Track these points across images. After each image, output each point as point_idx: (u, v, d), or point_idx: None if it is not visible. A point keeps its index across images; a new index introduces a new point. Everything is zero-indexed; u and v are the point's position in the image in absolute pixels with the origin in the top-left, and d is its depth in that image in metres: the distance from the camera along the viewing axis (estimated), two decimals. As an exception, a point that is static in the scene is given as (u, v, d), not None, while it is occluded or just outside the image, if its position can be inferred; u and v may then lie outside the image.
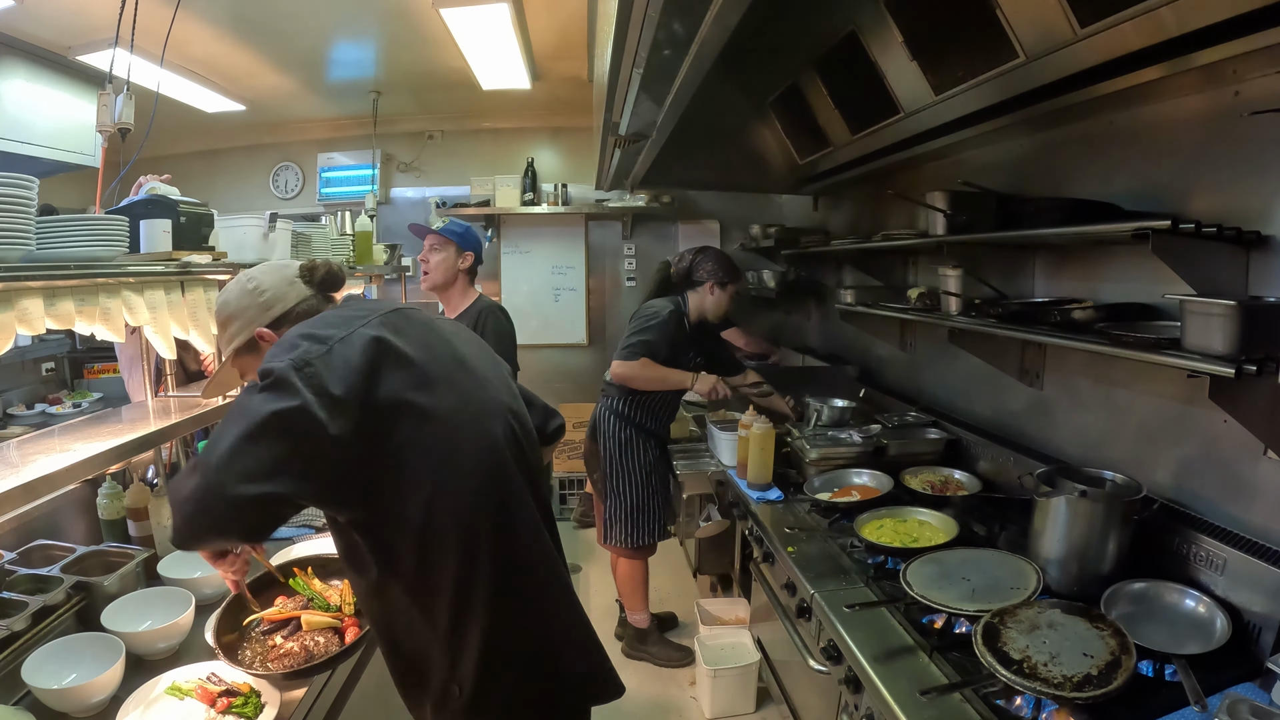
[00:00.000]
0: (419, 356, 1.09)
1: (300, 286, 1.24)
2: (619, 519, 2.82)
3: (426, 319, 1.22)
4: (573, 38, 3.21)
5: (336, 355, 1.01)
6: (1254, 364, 1.14)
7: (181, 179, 2.05)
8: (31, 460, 1.23)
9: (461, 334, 1.29)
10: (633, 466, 2.81)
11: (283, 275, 1.24)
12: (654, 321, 2.68)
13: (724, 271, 2.77)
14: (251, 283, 1.23)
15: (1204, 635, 1.29)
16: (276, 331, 1.20)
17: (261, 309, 1.21)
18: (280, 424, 0.95)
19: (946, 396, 2.63)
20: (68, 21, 2.78)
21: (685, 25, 1.45)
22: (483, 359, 1.26)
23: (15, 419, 3.75)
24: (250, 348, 1.22)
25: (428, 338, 1.15)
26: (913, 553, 1.66)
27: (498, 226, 4.72)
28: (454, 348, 1.19)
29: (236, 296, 1.23)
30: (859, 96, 2.39)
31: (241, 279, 1.25)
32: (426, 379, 1.08)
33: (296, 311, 1.22)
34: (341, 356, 1.01)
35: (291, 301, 1.22)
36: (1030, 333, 1.70)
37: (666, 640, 3.01)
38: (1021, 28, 1.57)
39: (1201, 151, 1.49)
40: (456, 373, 1.14)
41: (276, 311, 1.21)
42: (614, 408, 2.82)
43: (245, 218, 2.29)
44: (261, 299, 1.21)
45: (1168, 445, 1.62)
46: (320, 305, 1.24)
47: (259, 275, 1.24)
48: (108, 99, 2.10)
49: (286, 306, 1.22)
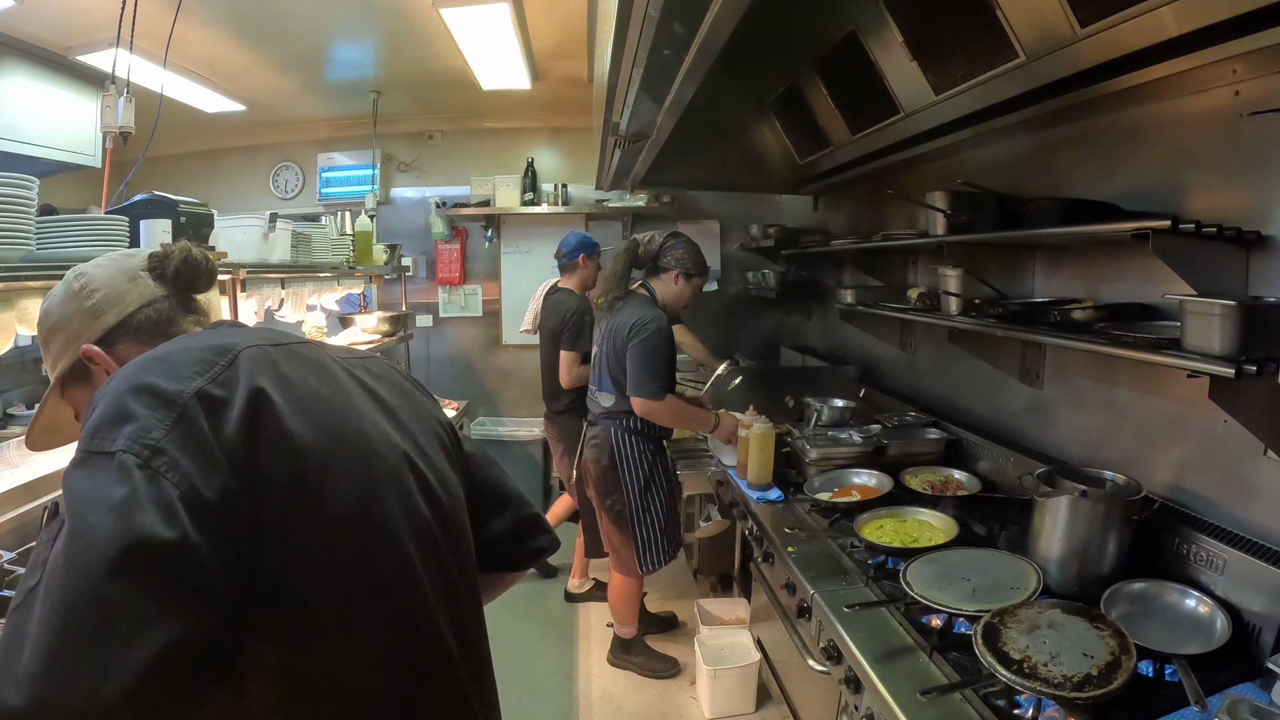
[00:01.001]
0: (304, 430, 0.72)
1: (145, 284, 0.91)
2: (652, 539, 2.70)
3: (317, 359, 0.84)
4: (573, 38, 3.21)
5: (197, 419, 0.66)
6: (1254, 364, 1.14)
7: (181, 179, 2.05)
8: (31, 460, 1.23)
9: (369, 379, 0.89)
10: (660, 484, 2.71)
11: (121, 268, 0.91)
12: (660, 346, 2.51)
13: (692, 262, 2.67)
14: (79, 280, 0.89)
15: (1204, 635, 1.29)
16: (109, 351, 0.87)
17: (89, 316, 0.87)
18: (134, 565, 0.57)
19: (946, 396, 2.63)
20: (68, 21, 2.78)
21: (685, 25, 1.45)
22: (397, 413, 0.87)
23: (15, 419, 3.75)
24: (79, 374, 0.89)
25: (318, 389, 0.79)
26: (913, 553, 1.66)
27: (498, 226, 4.72)
28: (355, 408, 0.81)
29: (60, 301, 0.90)
30: (859, 96, 2.39)
31: (69, 276, 0.91)
32: (315, 463, 0.72)
33: (138, 321, 0.88)
34: (210, 417, 0.67)
35: (131, 305, 0.88)
36: (1030, 333, 1.70)
37: (651, 650, 2.94)
38: (1021, 28, 1.57)
39: (1201, 151, 1.49)
40: (358, 450, 0.77)
41: (109, 320, 0.87)
42: (633, 427, 2.66)
43: (245, 218, 2.30)
44: (89, 303, 0.88)
45: (1168, 445, 1.62)
46: (174, 312, 0.91)
47: (90, 270, 0.90)
48: (111, 100, 2.11)
49: (123, 313, 0.88)
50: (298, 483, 0.70)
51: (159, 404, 0.66)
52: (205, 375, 0.70)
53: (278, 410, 0.71)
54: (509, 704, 2.79)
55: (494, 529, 1.00)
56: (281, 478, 0.69)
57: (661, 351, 2.53)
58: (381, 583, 0.75)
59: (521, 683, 2.83)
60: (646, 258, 2.71)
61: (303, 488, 0.70)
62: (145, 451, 0.62)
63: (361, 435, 0.79)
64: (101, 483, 0.61)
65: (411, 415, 0.89)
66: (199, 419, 0.66)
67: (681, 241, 2.70)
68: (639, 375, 2.52)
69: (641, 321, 2.54)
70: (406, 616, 0.77)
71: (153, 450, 0.63)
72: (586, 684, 2.85)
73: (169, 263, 0.92)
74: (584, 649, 3.11)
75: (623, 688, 2.81)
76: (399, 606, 0.76)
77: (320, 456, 0.72)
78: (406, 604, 0.77)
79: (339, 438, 0.76)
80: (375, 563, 0.75)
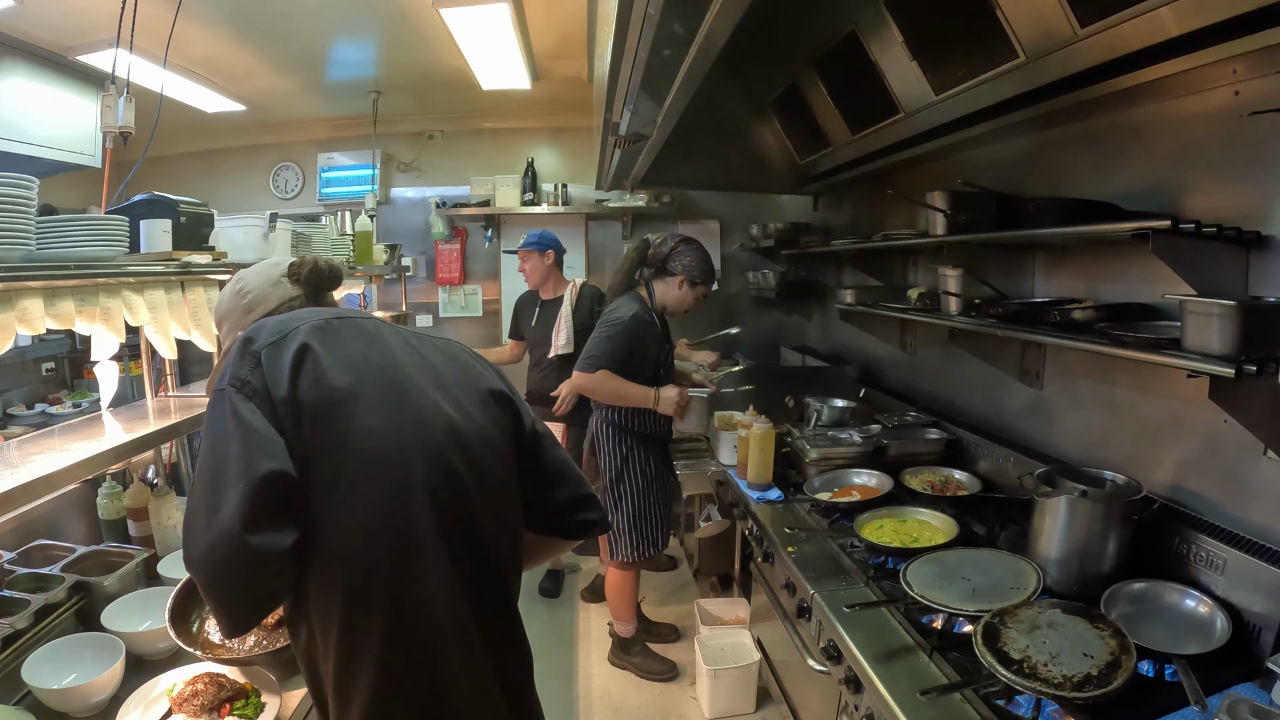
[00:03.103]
0: (339, 374, 0.99)
1: (285, 286, 1.19)
2: (622, 531, 2.75)
3: (374, 329, 1.10)
4: (573, 38, 3.21)
5: (265, 363, 0.98)
6: (1254, 364, 1.14)
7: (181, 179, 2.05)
8: (31, 460, 1.23)
9: (426, 349, 1.13)
10: (634, 476, 2.73)
11: (268, 275, 1.20)
12: (615, 330, 2.57)
13: (699, 271, 2.67)
14: (239, 284, 1.21)
15: (1204, 635, 1.29)
16: None
17: (244, 311, 1.18)
18: (237, 421, 0.92)
19: (946, 396, 2.63)
20: (68, 21, 2.78)
21: (685, 25, 1.45)
22: (444, 378, 1.09)
23: (15, 419, 3.75)
24: None
25: (366, 350, 1.05)
26: (913, 553, 1.66)
27: (498, 226, 4.72)
28: (397, 365, 1.06)
29: (227, 299, 1.22)
30: (859, 96, 2.39)
31: (233, 280, 1.23)
32: (344, 397, 0.98)
33: (278, 313, 1.16)
34: (269, 362, 0.98)
35: (273, 303, 1.18)
36: (1030, 333, 1.70)
37: (650, 651, 2.94)
38: (1021, 28, 1.57)
39: (1201, 151, 1.49)
40: (387, 394, 1.01)
41: (257, 314, 1.17)
42: (611, 419, 2.74)
43: (245, 218, 2.29)
44: (244, 301, 1.18)
45: (1168, 445, 1.62)
46: (305, 305, 1.19)
47: (247, 276, 1.21)
48: (111, 100, 2.10)
49: (267, 308, 1.17)
50: (326, 410, 0.96)
51: (247, 354, 0.99)
52: (276, 335, 1.01)
53: (318, 358, 0.99)
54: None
55: (555, 498, 1.18)
56: (313, 403, 0.96)
57: (614, 336, 2.57)
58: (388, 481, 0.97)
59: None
60: (655, 259, 2.72)
61: (331, 414, 0.96)
62: (237, 382, 0.95)
63: (392, 383, 1.03)
64: (220, 407, 0.94)
65: (462, 383, 1.10)
66: (266, 361, 0.98)
67: (692, 248, 2.71)
68: (583, 352, 2.63)
69: (615, 313, 2.64)
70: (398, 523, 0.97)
71: (242, 381, 0.96)
72: (586, 684, 2.85)
73: (302, 269, 1.20)
74: (584, 649, 3.11)
75: (623, 688, 2.81)
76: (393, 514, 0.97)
77: (346, 392, 0.98)
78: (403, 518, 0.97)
79: (370, 382, 1.01)
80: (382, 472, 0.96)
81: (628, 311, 2.61)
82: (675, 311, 2.75)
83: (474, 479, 1.02)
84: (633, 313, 2.61)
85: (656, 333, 2.69)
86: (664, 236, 2.75)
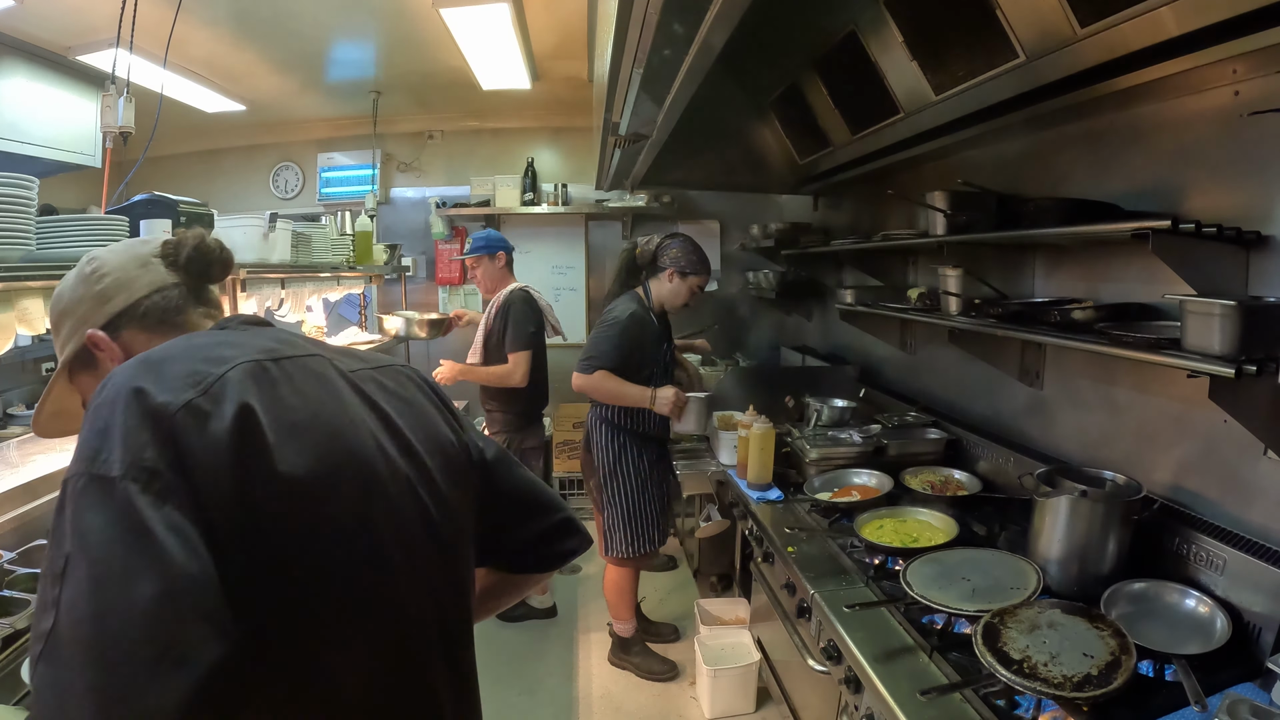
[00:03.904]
0: (294, 454, 0.69)
1: (157, 270, 0.88)
2: (616, 527, 2.77)
3: (321, 371, 0.80)
4: (573, 38, 3.21)
5: (184, 437, 0.63)
6: (1254, 364, 1.14)
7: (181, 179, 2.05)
8: (31, 460, 1.23)
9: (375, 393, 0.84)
10: (627, 473, 2.75)
11: (134, 254, 0.89)
12: (612, 330, 2.59)
13: (686, 261, 2.66)
14: (92, 264, 0.87)
15: (1204, 635, 1.29)
16: (115, 337, 0.85)
17: (97, 301, 0.85)
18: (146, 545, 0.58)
19: (946, 396, 2.63)
20: (68, 21, 2.78)
21: (685, 25, 1.45)
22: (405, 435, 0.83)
23: (15, 419, 3.74)
24: (86, 361, 0.87)
25: (319, 410, 0.75)
26: (913, 553, 1.66)
27: (498, 226, 4.71)
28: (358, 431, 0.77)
29: (71, 284, 0.88)
30: (859, 96, 2.39)
31: (82, 260, 0.89)
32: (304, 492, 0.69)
33: (146, 307, 0.86)
34: (193, 436, 0.64)
35: (140, 291, 0.86)
36: (1030, 333, 1.70)
37: (650, 651, 2.94)
38: (1021, 28, 1.57)
39: (1201, 151, 1.49)
40: (355, 481, 0.74)
41: (117, 305, 0.85)
42: (604, 416, 2.76)
43: (245, 217, 2.30)
44: (99, 287, 0.85)
45: (1168, 445, 1.62)
46: (183, 301, 0.88)
47: (102, 255, 0.88)
48: (111, 100, 2.11)
49: (131, 299, 0.85)
50: (285, 511, 0.67)
51: (150, 417, 0.63)
52: (196, 387, 0.67)
53: (265, 431, 0.67)
54: (509, 703, 2.79)
55: (522, 533, 1.00)
56: (269, 505, 0.66)
57: (612, 336, 2.59)
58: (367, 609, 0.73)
59: (521, 683, 2.83)
60: (644, 258, 2.74)
61: (291, 516, 0.67)
62: (144, 475, 0.60)
63: (360, 461, 0.75)
64: (104, 512, 0.59)
65: (421, 435, 0.85)
66: (188, 434, 0.64)
67: (678, 240, 2.72)
68: (582, 353, 2.65)
69: (612, 312, 2.67)
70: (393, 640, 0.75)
71: (149, 472, 0.60)
72: (586, 684, 2.85)
73: (182, 250, 0.89)
74: (584, 649, 3.11)
75: (623, 688, 2.81)
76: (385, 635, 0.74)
77: (312, 485, 0.69)
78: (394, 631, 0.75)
79: (335, 464, 0.72)
80: (362, 596, 0.72)
81: (625, 310, 2.63)
82: (673, 306, 2.76)
83: (443, 575, 0.83)
84: (630, 311, 2.63)
85: (655, 330, 2.71)
86: (649, 237, 2.77)
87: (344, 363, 0.85)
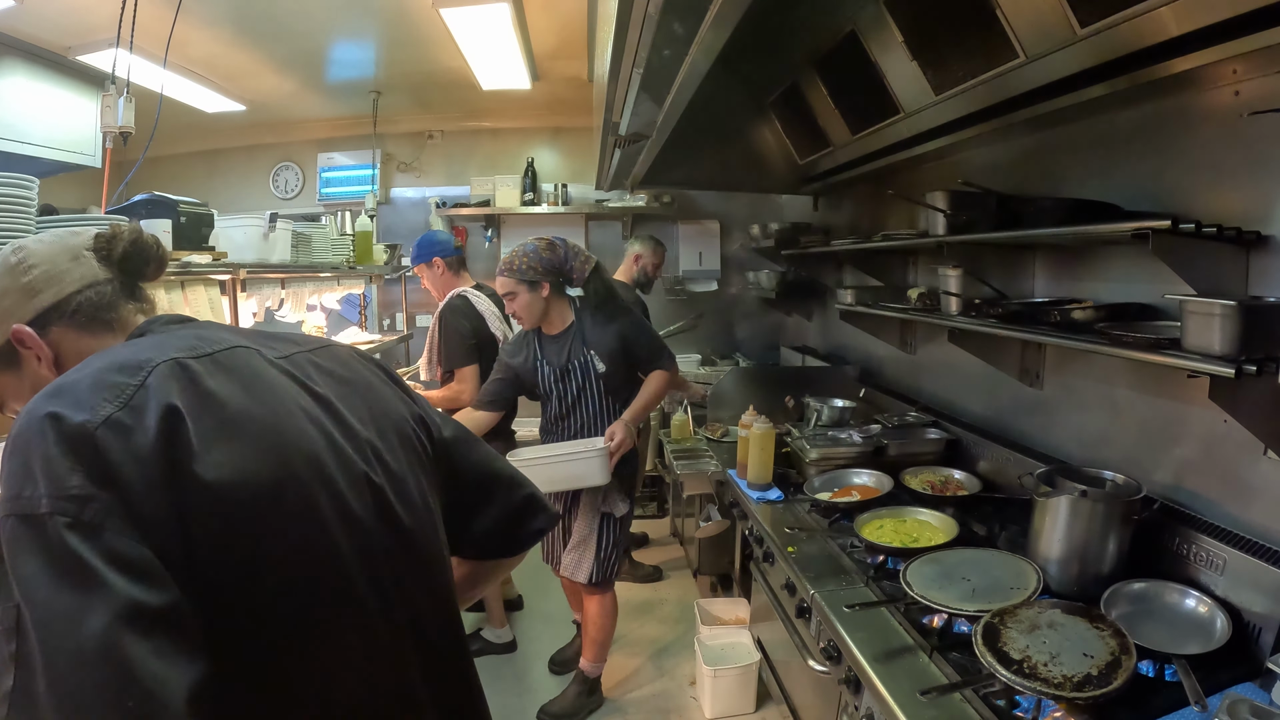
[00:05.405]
0: (230, 457, 0.65)
1: (89, 264, 0.83)
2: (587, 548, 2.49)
3: (249, 363, 0.76)
4: (573, 38, 3.21)
5: (109, 453, 0.60)
6: (1254, 364, 1.14)
7: (181, 179, 2.05)
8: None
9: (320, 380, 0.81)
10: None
11: (65, 246, 0.83)
12: (643, 320, 2.58)
13: (538, 271, 2.39)
14: (18, 254, 0.81)
15: (1204, 635, 1.29)
16: (42, 334, 0.80)
17: (23, 294, 0.80)
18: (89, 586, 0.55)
19: (946, 396, 2.63)
20: (68, 21, 2.78)
21: (685, 25, 1.45)
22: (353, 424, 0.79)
23: (15, 419, 3.75)
24: (10, 358, 0.81)
25: (251, 406, 0.71)
26: (913, 553, 1.66)
27: (498, 226, 4.72)
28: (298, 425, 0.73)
29: None
30: (859, 96, 2.39)
31: (7, 249, 0.83)
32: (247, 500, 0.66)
33: (76, 303, 0.81)
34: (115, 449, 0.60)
35: (70, 286, 0.81)
36: (1030, 333, 1.70)
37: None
38: (1021, 28, 1.57)
39: (1201, 151, 1.49)
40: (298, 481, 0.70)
41: (45, 300, 0.80)
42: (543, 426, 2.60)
43: (245, 218, 2.30)
44: (26, 280, 0.80)
45: (1168, 445, 1.62)
46: (116, 298, 0.84)
47: (30, 245, 0.83)
48: (111, 100, 2.11)
49: (61, 293, 0.80)
50: (226, 519, 0.63)
51: (69, 441, 0.59)
52: (115, 400, 0.63)
53: (192, 434, 0.63)
54: (509, 703, 2.77)
55: (486, 517, 0.96)
56: (205, 513, 0.62)
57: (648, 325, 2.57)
58: (330, 625, 0.69)
59: (521, 683, 2.83)
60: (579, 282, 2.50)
61: (232, 524, 0.63)
62: (73, 505, 0.57)
63: (303, 455, 0.71)
64: (44, 559, 0.55)
65: (368, 416, 0.82)
66: (114, 451, 0.60)
67: (531, 247, 2.39)
68: (652, 353, 2.54)
69: (621, 307, 2.59)
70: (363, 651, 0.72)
71: (80, 501, 0.57)
72: (586, 684, 2.85)
73: (116, 244, 0.85)
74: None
75: (623, 688, 2.81)
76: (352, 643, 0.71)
77: (254, 487, 0.65)
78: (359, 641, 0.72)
79: (277, 460, 0.68)
80: (320, 605, 0.69)
81: (626, 298, 2.58)
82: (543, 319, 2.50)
83: (412, 568, 0.79)
84: (630, 299, 2.60)
85: None
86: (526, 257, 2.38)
87: (273, 349, 0.81)
